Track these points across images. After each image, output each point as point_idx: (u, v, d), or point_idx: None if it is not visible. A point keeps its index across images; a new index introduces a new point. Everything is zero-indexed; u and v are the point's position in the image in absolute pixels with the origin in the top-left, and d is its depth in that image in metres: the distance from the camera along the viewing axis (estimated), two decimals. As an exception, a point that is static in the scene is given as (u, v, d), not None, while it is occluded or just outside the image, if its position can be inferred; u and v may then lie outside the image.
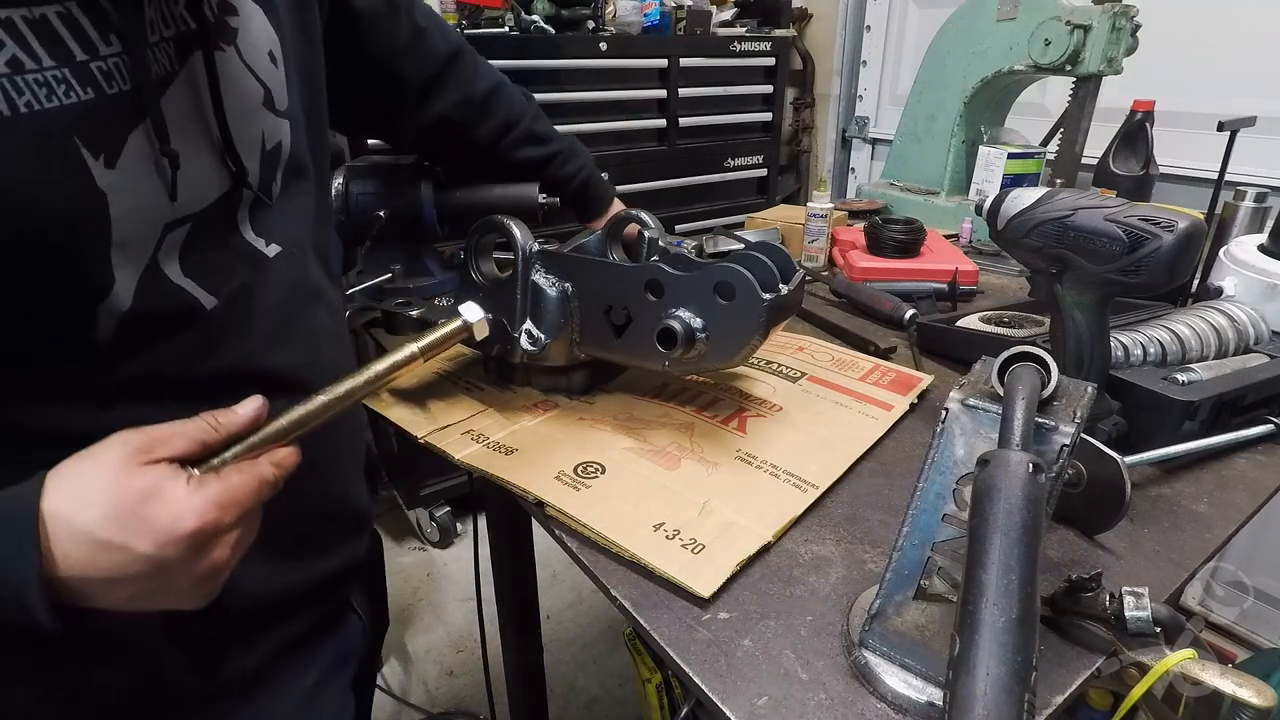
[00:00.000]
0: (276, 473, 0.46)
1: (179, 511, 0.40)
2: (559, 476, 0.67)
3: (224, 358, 0.51)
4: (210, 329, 0.50)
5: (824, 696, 0.48)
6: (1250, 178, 1.56)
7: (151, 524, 0.39)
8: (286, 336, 0.56)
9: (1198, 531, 0.64)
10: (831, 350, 0.95)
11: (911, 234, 1.24)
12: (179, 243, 0.48)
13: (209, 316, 0.50)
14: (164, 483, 0.40)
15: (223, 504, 0.42)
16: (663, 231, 0.79)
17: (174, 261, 0.48)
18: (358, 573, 0.71)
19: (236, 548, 0.44)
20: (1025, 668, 0.31)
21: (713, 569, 0.56)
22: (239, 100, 0.50)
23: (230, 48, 0.50)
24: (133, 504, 0.39)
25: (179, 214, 0.47)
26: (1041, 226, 0.68)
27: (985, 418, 0.44)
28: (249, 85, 0.51)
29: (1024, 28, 1.37)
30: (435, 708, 1.68)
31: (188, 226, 0.48)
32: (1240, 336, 0.82)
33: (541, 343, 0.74)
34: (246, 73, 0.51)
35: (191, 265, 0.49)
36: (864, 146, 2.69)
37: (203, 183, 0.48)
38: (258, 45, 0.52)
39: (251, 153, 0.52)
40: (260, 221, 0.54)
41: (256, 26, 0.52)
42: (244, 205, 0.53)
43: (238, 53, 0.50)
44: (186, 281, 0.48)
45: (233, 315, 0.51)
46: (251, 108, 0.52)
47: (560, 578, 2.01)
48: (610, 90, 2.11)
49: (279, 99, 0.54)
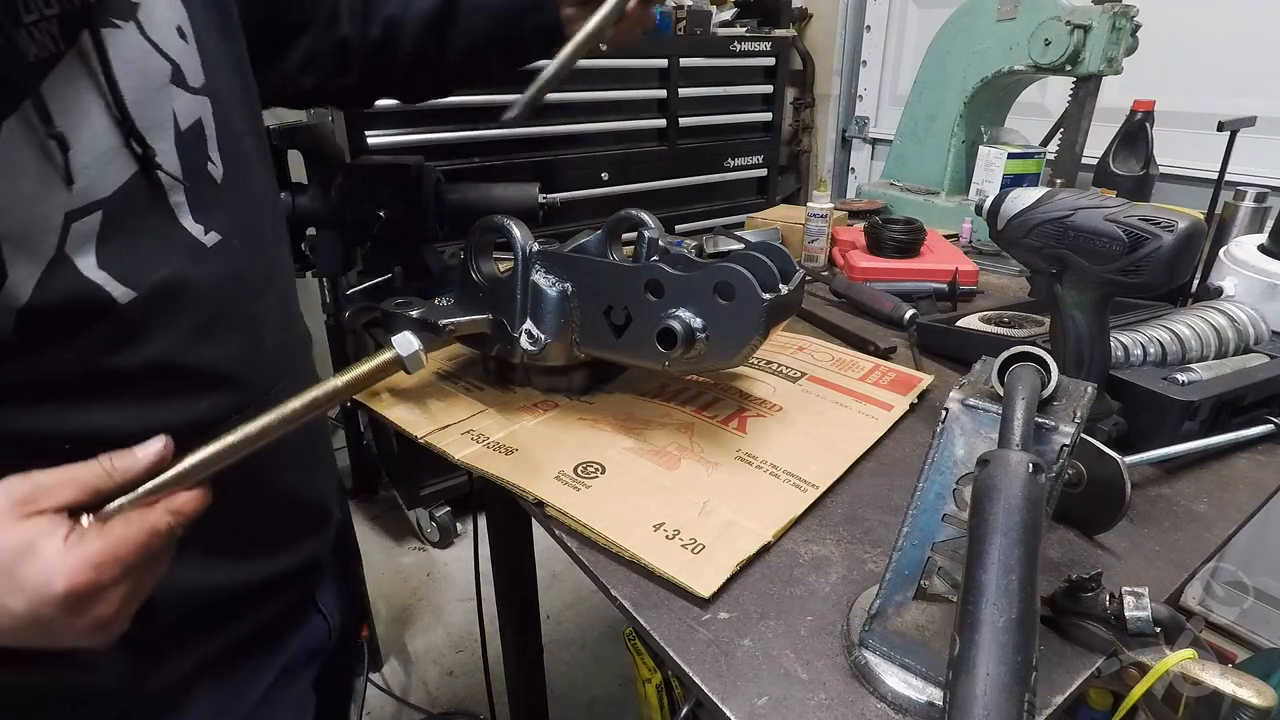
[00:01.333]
0: (173, 521, 0.42)
1: (50, 573, 0.37)
2: (559, 476, 0.67)
3: (140, 353, 0.49)
4: (125, 323, 0.48)
5: (824, 696, 0.48)
6: (1250, 178, 1.55)
7: (23, 583, 0.37)
8: (220, 330, 0.54)
9: (1198, 531, 0.64)
10: (831, 350, 0.95)
11: (911, 234, 1.24)
12: (92, 233, 0.46)
13: (123, 310, 0.47)
14: (40, 539, 0.38)
15: (100, 563, 0.38)
16: (663, 231, 0.79)
17: (89, 253, 0.45)
18: (318, 570, 0.70)
19: (126, 602, 0.41)
20: (1025, 668, 0.31)
21: (713, 569, 0.56)
22: (141, 78, 0.48)
23: (128, 23, 0.47)
24: (6, 561, 0.37)
25: (82, 201, 0.45)
26: (1041, 226, 0.68)
27: (985, 418, 0.44)
28: (153, 63, 0.49)
29: (1024, 28, 1.37)
30: (435, 708, 1.68)
31: (98, 215, 0.46)
32: (1240, 336, 0.82)
33: (541, 343, 0.74)
34: (150, 49, 0.49)
35: (109, 257, 0.46)
36: (864, 146, 2.69)
37: (103, 166, 0.46)
38: (162, 20, 0.50)
39: (161, 133, 0.50)
40: (201, 208, 0.52)
41: (160, 1, 0.50)
42: (176, 191, 0.51)
43: (139, 28, 0.48)
44: (99, 274, 0.46)
45: (154, 308, 0.49)
46: (157, 86, 0.49)
47: (560, 578, 2.01)
48: (610, 90, 2.11)
49: (191, 76, 0.52)
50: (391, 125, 1.80)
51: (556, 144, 2.07)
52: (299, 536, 0.66)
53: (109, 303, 0.47)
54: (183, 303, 0.51)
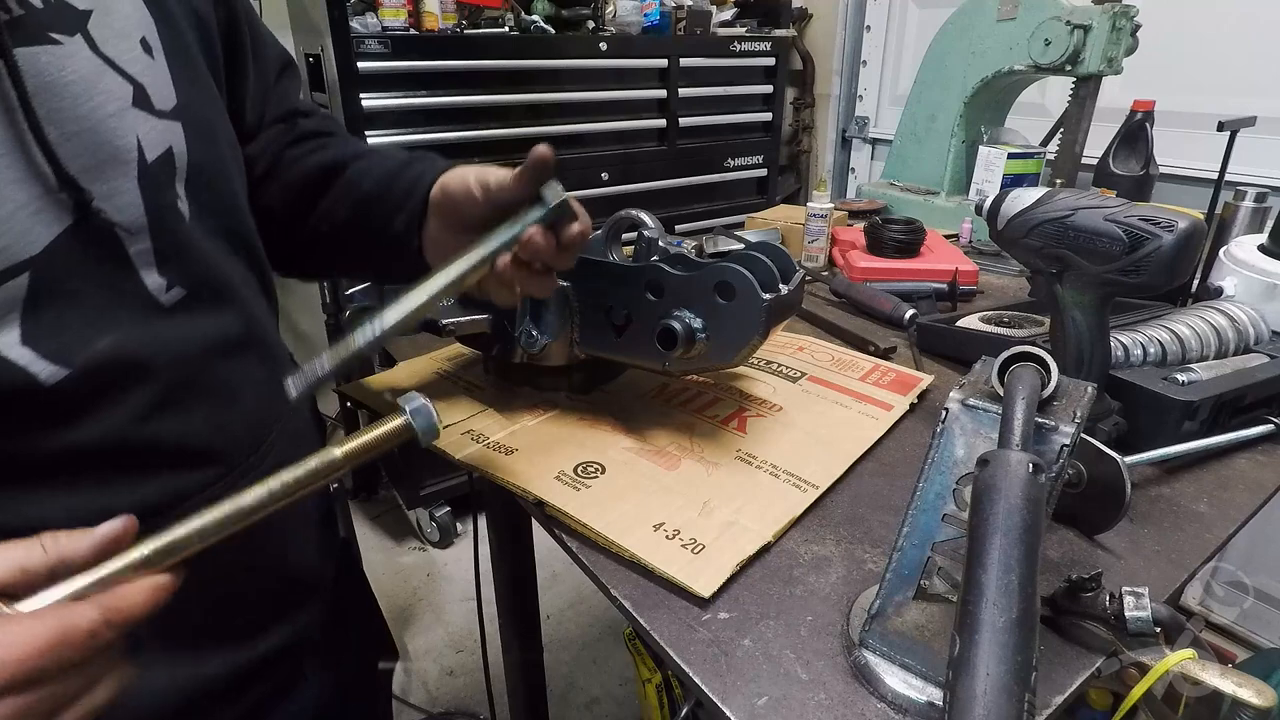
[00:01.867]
0: (101, 621, 0.32)
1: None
2: (559, 476, 0.67)
3: (80, 433, 0.42)
4: (55, 405, 0.41)
5: (824, 696, 0.48)
6: (1250, 178, 1.56)
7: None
8: (186, 399, 0.47)
9: (1198, 531, 0.64)
10: (831, 350, 0.95)
11: (911, 234, 1.24)
12: (16, 302, 0.38)
13: (51, 392, 0.40)
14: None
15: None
16: (663, 231, 0.78)
17: (11, 327, 0.38)
18: (307, 644, 0.60)
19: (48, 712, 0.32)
20: (1025, 668, 0.31)
21: (713, 569, 0.56)
22: (89, 104, 0.40)
23: (73, 38, 0.40)
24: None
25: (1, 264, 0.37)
26: (1041, 226, 0.68)
27: (985, 418, 0.44)
28: (107, 83, 0.41)
29: (1024, 28, 1.37)
30: (435, 708, 1.68)
31: (23, 279, 0.38)
32: (1240, 336, 0.82)
33: (541, 343, 0.74)
34: (104, 67, 0.41)
35: (37, 330, 0.39)
36: (864, 146, 2.69)
37: (26, 220, 0.38)
38: (121, 31, 0.42)
39: (118, 169, 0.42)
40: (166, 258, 0.45)
41: (121, 7, 0.43)
42: (137, 239, 0.43)
43: (89, 42, 0.40)
44: (21, 352, 0.39)
45: (94, 386, 0.42)
46: (111, 111, 0.41)
47: (560, 578, 2.01)
48: (610, 90, 2.11)
49: (158, 97, 0.44)
50: (391, 125, 1.80)
51: (556, 144, 2.06)
52: (287, 611, 0.58)
53: (32, 385, 0.39)
54: (132, 376, 0.43)
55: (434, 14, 1.80)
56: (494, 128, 1.96)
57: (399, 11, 1.76)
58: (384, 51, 1.73)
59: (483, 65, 1.89)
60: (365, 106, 1.74)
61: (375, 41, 1.71)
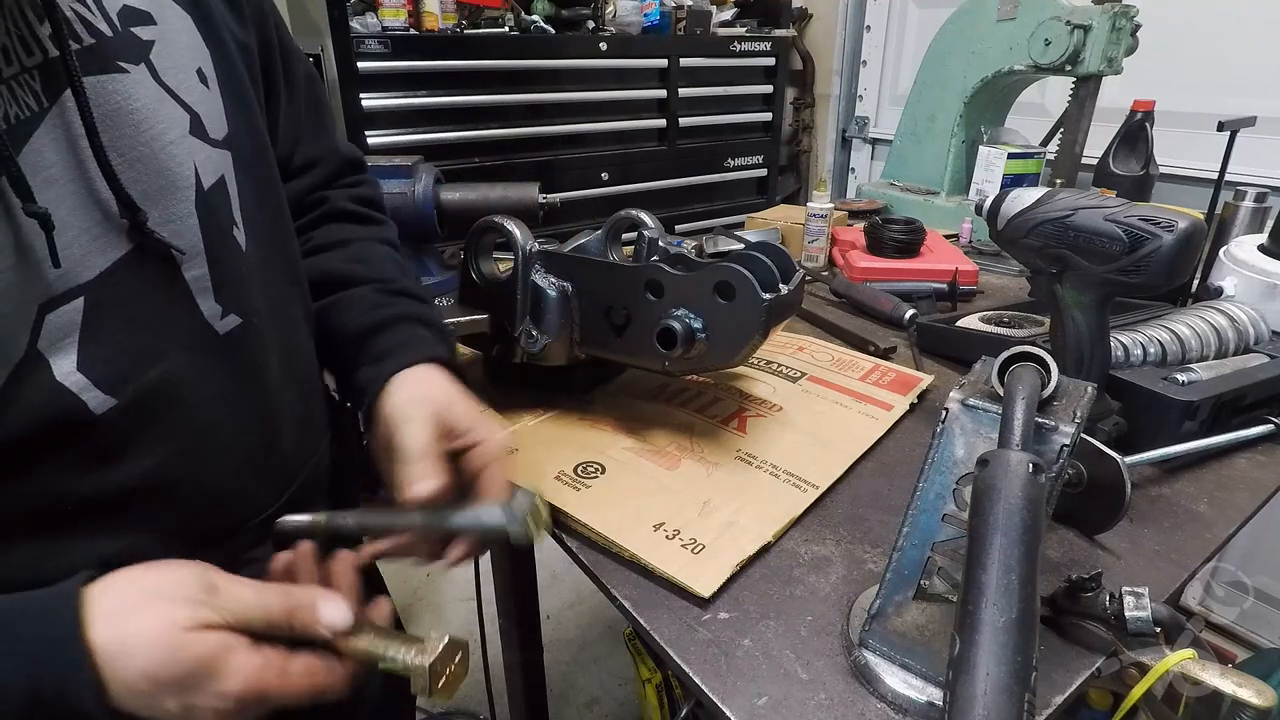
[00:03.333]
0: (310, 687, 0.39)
1: (228, 700, 0.36)
2: (559, 476, 0.67)
3: (123, 471, 0.41)
4: (102, 438, 0.40)
5: (824, 696, 0.48)
6: (1250, 178, 1.56)
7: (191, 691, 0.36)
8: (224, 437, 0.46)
9: (1198, 531, 0.64)
10: (831, 350, 0.95)
11: (911, 234, 1.24)
12: (74, 325, 0.38)
13: (98, 424, 0.40)
14: (223, 655, 0.37)
15: (259, 692, 0.37)
16: (662, 231, 0.78)
17: (69, 352, 0.38)
18: None
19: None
20: (1025, 668, 0.31)
21: (713, 569, 0.56)
22: (151, 131, 0.41)
23: (138, 67, 0.41)
24: (178, 674, 0.36)
25: (60, 288, 0.38)
26: (1041, 226, 0.68)
27: (985, 418, 0.44)
28: (168, 112, 0.42)
29: (1024, 28, 1.37)
30: (435, 708, 1.68)
31: (79, 302, 0.38)
32: (1240, 336, 0.82)
33: (541, 343, 0.74)
34: (165, 96, 0.42)
35: (93, 357, 0.39)
36: (864, 146, 2.70)
37: (88, 245, 0.39)
38: (182, 63, 0.43)
39: (178, 195, 0.43)
40: (224, 285, 0.45)
41: (181, 38, 0.44)
42: (194, 264, 0.44)
43: (151, 72, 0.41)
44: (77, 378, 0.39)
45: (142, 416, 0.41)
46: (172, 138, 0.42)
47: (560, 578, 2.01)
48: (610, 90, 2.12)
49: (213, 125, 0.45)
50: (391, 125, 1.80)
51: (556, 144, 2.08)
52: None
53: (82, 414, 0.39)
54: (176, 408, 0.43)
55: (434, 14, 1.80)
56: (494, 128, 1.96)
57: (399, 11, 1.76)
58: (384, 51, 1.73)
59: (483, 65, 1.89)
60: (365, 106, 1.74)
61: (375, 41, 1.71)
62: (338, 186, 0.67)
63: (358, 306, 0.60)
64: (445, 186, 1.04)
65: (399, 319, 0.59)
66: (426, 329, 0.60)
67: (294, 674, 0.39)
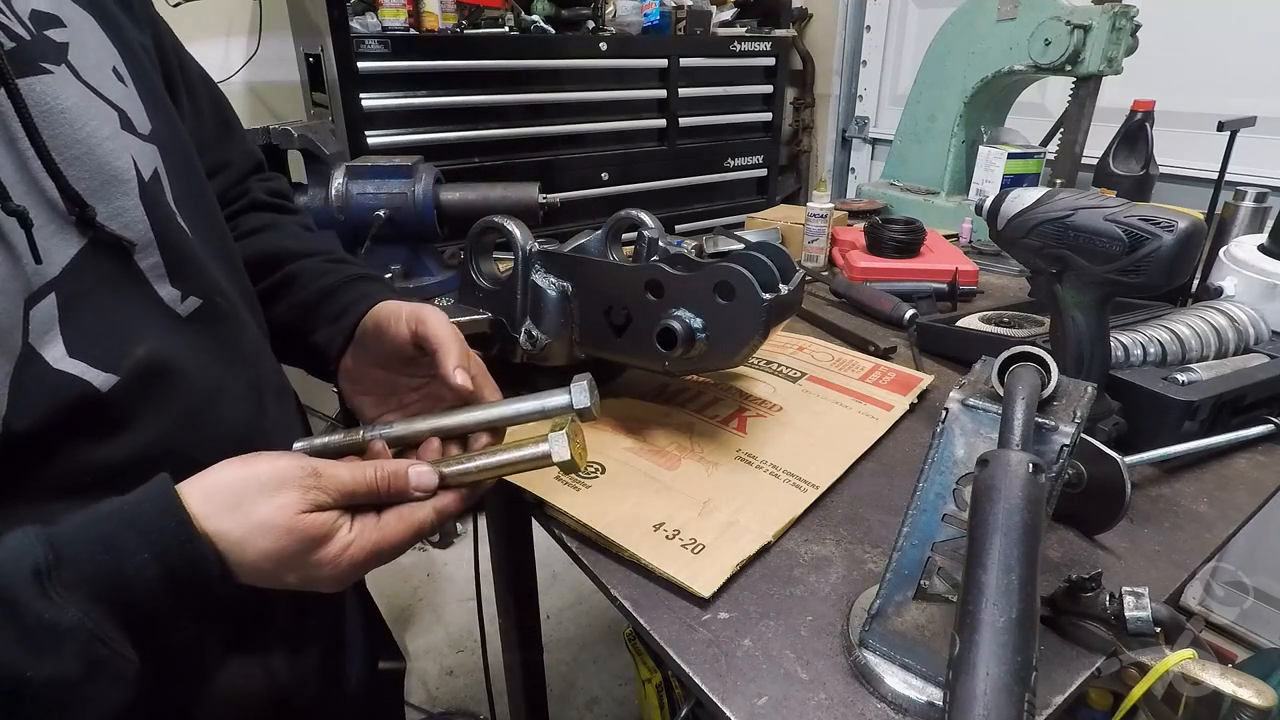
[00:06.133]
0: (435, 517, 0.47)
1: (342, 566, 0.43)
2: (559, 476, 0.67)
3: (132, 442, 0.44)
4: (110, 411, 0.42)
5: (824, 696, 0.48)
6: (1250, 178, 1.56)
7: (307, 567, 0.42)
8: (217, 407, 0.48)
9: (1198, 531, 0.64)
10: (831, 350, 0.95)
11: (911, 234, 1.24)
12: (53, 319, 0.40)
13: (107, 398, 0.42)
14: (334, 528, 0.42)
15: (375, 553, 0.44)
16: (663, 231, 0.78)
17: (55, 342, 0.40)
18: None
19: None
20: (1025, 668, 0.31)
21: (713, 569, 0.56)
22: (86, 128, 0.42)
23: (59, 67, 0.41)
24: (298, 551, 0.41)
25: (36, 284, 0.39)
26: (1041, 226, 0.68)
27: (985, 418, 0.44)
28: (96, 109, 0.43)
29: (1024, 28, 1.37)
30: (435, 708, 1.68)
31: (52, 297, 0.40)
32: (1240, 336, 0.82)
33: (541, 343, 0.74)
34: (90, 94, 0.43)
35: (79, 342, 0.41)
36: (864, 146, 2.69)
37: (48, 240, 0.40)
38: (97, 62, 0.44)
39: (123, 188, 0.44)
40: (178, 270, 0.47)
41: (90, 39, 0.45)
42: (146, 253, 0.45)
43: (73, 73, 0.42)
44: (73, 364, 0.41)
45: (143, 390, 0.44)
46: (107, 134, 0.43)
47: (560, 578, 2.01)
48: (610, 90, 2.11)
49: (139, 121, 0.46)
50: (391, 125, 1.80)
51: (556, 144, 2.07)
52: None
53: (91, 394, 0.41)
54: (170, 381, 0.45)
55: (434, 14, 1.80)
56: (494, 128, 1.95)
57: (399, 11, 1.75)
58: (384, 51, 1.73)
59: (483, 65, 1.89)
60: (365, 106, 1.74)
61: (375, 41, 1.71)
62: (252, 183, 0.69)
63: (309, 273, 0.63)
64: (445, 186, 1.04)
65: (355, 278, 0.63)
66: (379, 284, 0.64)
67: (390, 528, 0.45)
